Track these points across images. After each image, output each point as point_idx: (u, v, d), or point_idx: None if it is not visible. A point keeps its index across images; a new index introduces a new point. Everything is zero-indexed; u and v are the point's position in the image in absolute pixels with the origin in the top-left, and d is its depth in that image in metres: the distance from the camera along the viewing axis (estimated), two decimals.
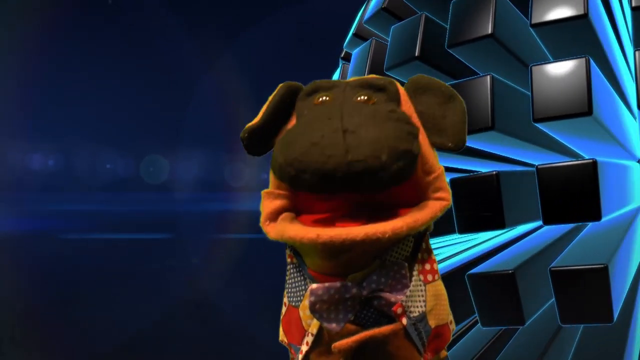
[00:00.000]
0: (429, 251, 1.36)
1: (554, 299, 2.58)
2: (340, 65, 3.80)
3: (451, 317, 1.39)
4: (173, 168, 7.63)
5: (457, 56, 2.73)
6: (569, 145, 2.60)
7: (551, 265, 2.38)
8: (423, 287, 1.31)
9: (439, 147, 1.34)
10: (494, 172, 2.46)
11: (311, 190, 1.21)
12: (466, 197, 2.51)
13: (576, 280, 2.34)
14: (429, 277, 1.33)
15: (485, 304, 2.54)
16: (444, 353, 1.40)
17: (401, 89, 1.34)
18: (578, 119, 2.32)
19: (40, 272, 7.07)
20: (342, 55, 4.01)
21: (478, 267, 2.61)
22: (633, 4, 2.38)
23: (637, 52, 2.32)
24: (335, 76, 3.89)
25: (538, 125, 2.40)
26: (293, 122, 1.32)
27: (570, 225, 2.71)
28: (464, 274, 2.63)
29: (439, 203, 1.29)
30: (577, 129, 2.42)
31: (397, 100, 1.30)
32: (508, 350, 2.73)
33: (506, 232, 2.95)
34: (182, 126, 7.51)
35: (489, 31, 2.58)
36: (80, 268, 7.09)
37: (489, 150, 2.66)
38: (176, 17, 7.40)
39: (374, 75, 1.37)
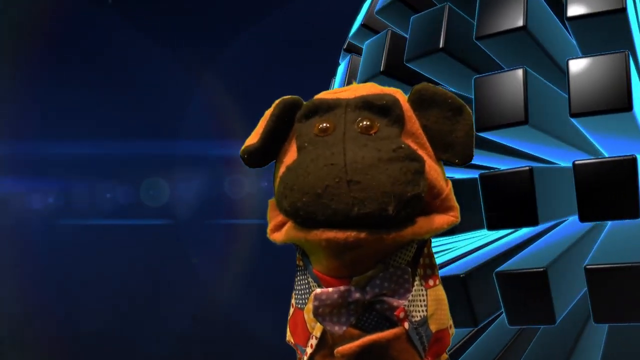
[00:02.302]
0: (430, 256, 1.36)
1: (578, 297, 2.58)
2: (347, 58, 3.68)
3: (451, 322, 1.39)
4: (173, 189, 7.64)
5: (484, 49, 2.67)
6: (598, 144, 2.59)
7: (586, 263, 2.35)
8: (424, 292, 1.31)
9: (445, 162, 1.32)
10: (527, 168, 2.42)
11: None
12: (496, 193, 2.47)
13: (611, 278, 2.32)
14: (431, 282, 1.34)
15: (514, 302, 2.49)
16: (444, 357, 1.41)
17: (405, 105, 1.30)
18: (615, 115, 2.30)
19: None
20: (345, 47, 3.91)
21: (505, 264, 2.56)
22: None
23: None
24: (341, 69, 3.79)
25: (574, 120, 2.37)
26: (293, 147, 1.30)
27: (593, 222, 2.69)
28: (485, 272, 2.59)
29: (447, 217, 1.29)
30: (613, 126, 2.40)
31: (400, 121, 1.27)
32: (533, 350, 2.69)
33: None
34: (178, 144, 7.48)
35: (522, 23, 2.53)
36: (77, 259, 6.95)
37: (519, 148, 2.62)
38: (159, 36, 7.34)
39: (375, 89, 1.33)
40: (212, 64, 7.49)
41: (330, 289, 1.23)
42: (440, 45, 2.74)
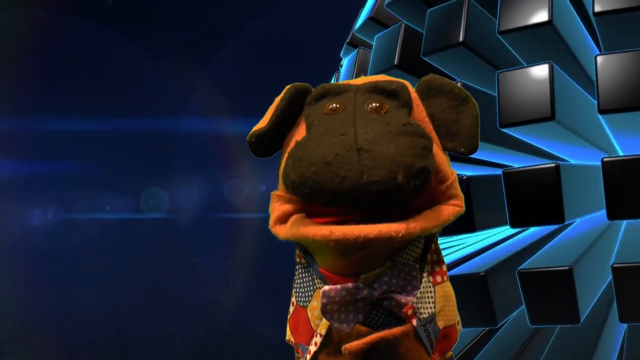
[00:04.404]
0: (438, 252, 1.36)
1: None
2: (355, 51, 3.57)
3: (458, 318, 1.39)
4: (173, 197, 7.86)
5: (506, 44, 2.64)
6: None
7: (613, 262, 2.33)
8: (432, 289, 1.31)
9: (451, 151, 1.33)
10: (554, 164, 2.38)
11: (325, 206, 1.23)
12: (521, 190, 2.41)
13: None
14: (438, 279, 1.33)
15: (537, 300, 2.43)
16: (449, 353, 1.40)
17: (413, 92, 1.31)
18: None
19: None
20: (348, 41, 3.84)
21: (527, 262, 2.50)
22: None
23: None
24: (347, 62, 3.70)
25: (600, 118, 2.36)
26: (302, 128, 1.29)
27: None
28: (505, 269, 2.55)
29: (452, 208, 1.29)
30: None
31: (409, 106, 1.27)
32: (553, 350, 2.64)
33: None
34: (176, 152, 7.72)
35: (547, 18, 2.48)
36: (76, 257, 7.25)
37: (539, 145, 2.61)
38: (148, 45, 7.60)
39: (384, 77, 1.34)
40: (212, 63, 7.56)
41: (338, 286, 1.22)
42: (460, 39, 2.67)
